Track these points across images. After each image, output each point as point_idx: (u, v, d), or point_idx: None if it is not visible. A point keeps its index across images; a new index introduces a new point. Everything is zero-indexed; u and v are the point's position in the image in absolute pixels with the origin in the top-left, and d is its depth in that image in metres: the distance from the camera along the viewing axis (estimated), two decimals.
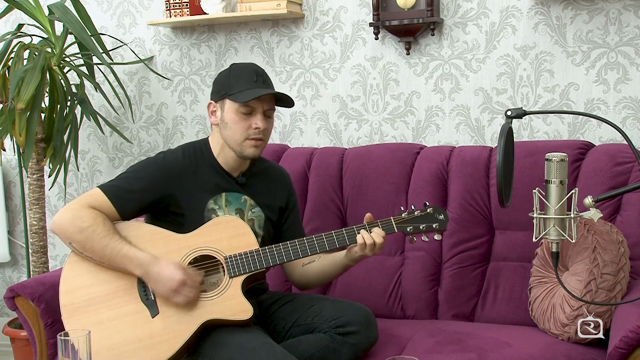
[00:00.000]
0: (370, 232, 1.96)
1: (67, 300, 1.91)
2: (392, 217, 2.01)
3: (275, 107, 2.08)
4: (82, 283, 1.93)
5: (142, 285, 1.93)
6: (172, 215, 2.03)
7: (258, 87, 2.01)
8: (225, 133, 2.04)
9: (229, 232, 1.99)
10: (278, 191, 2.19)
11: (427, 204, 2.03)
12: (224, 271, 1.96)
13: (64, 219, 1.92)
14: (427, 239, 2.03)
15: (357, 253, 1.98)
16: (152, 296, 1.92)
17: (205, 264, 1.96)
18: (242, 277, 1.95)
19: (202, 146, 2.11)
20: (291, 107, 2.08)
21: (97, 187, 1.99)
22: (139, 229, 1.98)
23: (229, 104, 2.02)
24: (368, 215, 2.01)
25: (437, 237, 2.03)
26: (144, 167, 2.03)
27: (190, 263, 1.95)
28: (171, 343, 1.86)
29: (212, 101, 2.08)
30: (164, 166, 2.03)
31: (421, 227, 2.01)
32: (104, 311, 1.89)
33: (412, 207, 2.03)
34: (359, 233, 1.96)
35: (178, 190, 2.02)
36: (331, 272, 2.11)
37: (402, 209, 2.04)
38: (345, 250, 2.04)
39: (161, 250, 1.94)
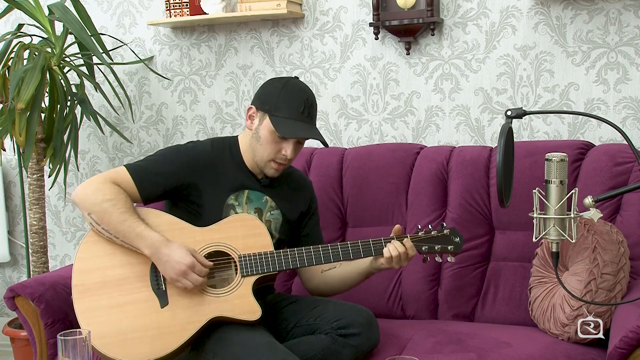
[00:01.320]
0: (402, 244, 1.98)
1: (79, 280, 1.92)
2: (408, 235, 2.02)
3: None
4: (96, 265, 1.93)
5: (155, 274, 1.94)
6: (191, 204, 2.05)
7: (302, 121, 2.01)
8: (255, 145, 2.06)
9: (246, 230, 2.00)
10: (300, 198, 2.21)
11: (445, 225, 2.05)
12: (236, 269, 1.97)
13: (87, 189, 1.93)
14: (440, 260, 2.04)
15: (384, 265, 1.99)
16: (163, 286, 1.93)
17: (218, 259, 1.97)
18: (254, 278, 1.95)
19: (232, 143, 2.12)
20: (325, 147, 2.10)
21: (124, 165, 2.00)
22: (159, 217, 1.99)
23: (267, 122, 2.02)
24: (397, 227, 2.02)
25: (450, 259, 2.05)
26: (172, 153, 2.05)
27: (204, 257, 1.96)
28: (178, 335, 1.87)
29: (254, 107, 2.06)
30: (191, 155, 2.04)
31: (436, 248, 2.02)
32: (115, 296, 1.90)
33: (429, 227, 2.05)
34: (385, 246, 1.98)
35: (201, 181, 2.03)
36: (354, 279, 2.12)
37: (419, 227, 2.05)
38: (369, 258, 2.04)
39: (177, 240, 1.95)
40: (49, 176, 2.98)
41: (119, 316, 1.88)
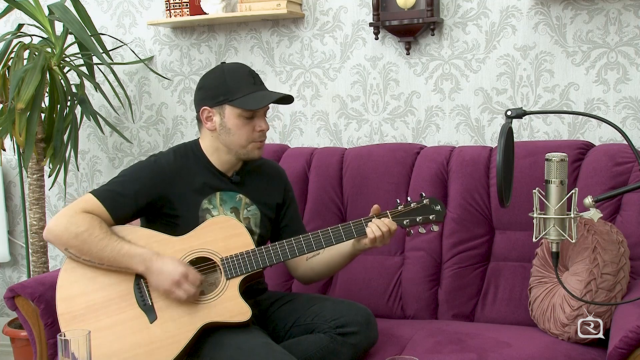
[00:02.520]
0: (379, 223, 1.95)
1: (64, 309, 1.90)
2: (388, 211, 1.99)
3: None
4: (79, 290, 1.92)
5: (139, 291, 1.92)
6: (166, 217, 2.02)
7: (258, 90, 2.01)
8: (228, 139, 2.02)
9: (225, 232, 1.98)
10: (274, 188, 2.18)
11: (424, 194, 2.01)
12: (220, 272, 1.95)
13: (59, 225, 1.90)
14: (424, 231, 2.00)
15: (367, 245, 1.97)
16: (149, 301, 1.91)
17: (201, 266, 1.95)
18: (239, 279, 1.94)
19: (194, 147, 2.09)
20: (291, 102, 2.07)
21: (89, 192, 1.97)
22: (134, 232, 1.97)
23: (230, 110, 1.99)
24: (375, 207, 1.99)
25: (434, 228, 2.01)
26: (136, 171, 2.02)
27: None
28: (171, 348, 1.86)
29: (207, 107, 2.02)
30: (156, 169, 2.01)
31: (418, 220, 1.99)
32: (103, 318, 1.88)
33: (409, 199, 2.02)
34: (367, 226, 1.95)
35: (171, 192, 2.01)
36: (340, 262, 2.09)
37: (398, 201, 2.02)
38: (352, 240, 2.02)
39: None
40: (49, 176, 2.98)
41: (110, 338, 1.86)
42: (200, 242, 1.96)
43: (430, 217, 1.99)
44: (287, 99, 2.05)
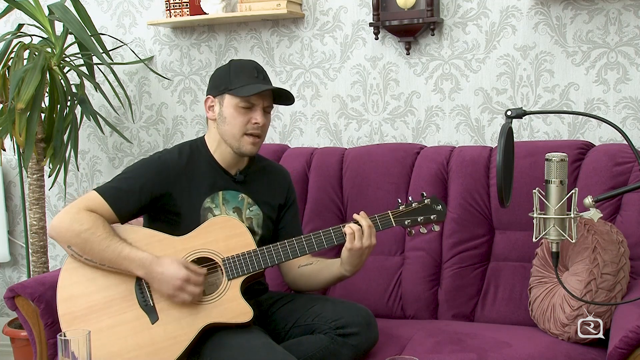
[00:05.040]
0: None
1: (65, 309, 1.90)
2: (389, 211, 1.99)
3: (274, 105, 2.08)
4: (80, 291, 1.91)
5: (140, 291, 1.92)
6: (168, 214, 2.02)
7: (259, 83, 2.02)
8: (223, 128, 2.03)
9: (226, 232, 1.98)
10: (277, 189, 2.18)
11: (425, 194, 2.01)
12: (222, 272, 1.95)
13: (62, 222, 1.90)
14: (425, 231, 2.00)
15: (347, 246, 1.93)
16: (150, 302, 1.91)
17: (203, 266, 1.95)
18: (241, 279, 1.94)
19: (199, 144, 2.10)
20: (291, 104, 2.08)
21: (93, 189, 1.98)
22: (136, 232, 1.97)
23: (228, 99, 2.01)
24: (362, 213, 1.98)
25: (435, 228, 2.01)
26: (139, 168, 2.03)
27: None
28: (173, 349, 1.86)
29: (210, 96, 2.07)
30: (160, 165, 2.02)
31: (419, 219, 1.99)
32: (104, 319, 1.88)
33: (410, 199, 2.02)
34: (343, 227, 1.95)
35: (174, 189, 2.01)
36: (325, 277, 2.08)
37: (400, 201, 2.03)
38: (338, 262, 2.01)
39: (158, 253, 1.92)
40: (49, 176, 2.98)
41: (111, 339, 1.86)
42: (202, 242, 1.96)
43: (432, 217, 1.99)
44: (286, 97, 2.05)
